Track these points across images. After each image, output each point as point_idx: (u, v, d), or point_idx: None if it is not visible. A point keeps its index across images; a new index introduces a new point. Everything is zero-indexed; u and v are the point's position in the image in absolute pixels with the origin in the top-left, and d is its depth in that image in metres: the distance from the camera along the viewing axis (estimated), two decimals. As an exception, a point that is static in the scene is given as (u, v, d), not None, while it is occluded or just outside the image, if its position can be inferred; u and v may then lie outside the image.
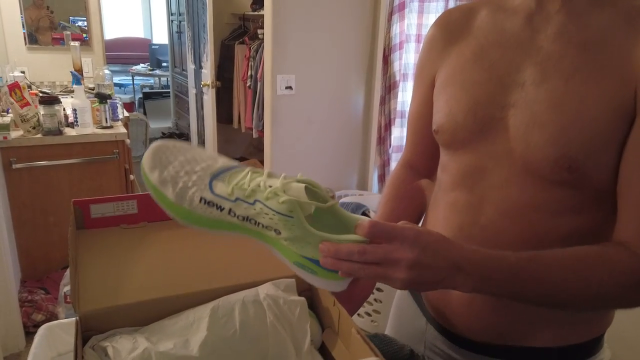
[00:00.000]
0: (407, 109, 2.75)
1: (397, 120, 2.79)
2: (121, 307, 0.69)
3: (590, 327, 0.71)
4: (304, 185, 0.56)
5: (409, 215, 0.85)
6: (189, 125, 4.60)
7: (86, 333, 0.67)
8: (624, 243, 0.60)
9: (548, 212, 0.65)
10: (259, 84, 3.43)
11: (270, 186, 0.56)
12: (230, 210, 0.58)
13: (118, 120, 2.57)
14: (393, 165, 2.87)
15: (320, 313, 0.75)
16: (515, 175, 0.66)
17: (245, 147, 4.43)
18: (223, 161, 0.62)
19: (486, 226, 0.69)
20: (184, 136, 5.12)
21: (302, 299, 0.73)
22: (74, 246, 0.77)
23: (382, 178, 2.96)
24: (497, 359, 0.73)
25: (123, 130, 2.48)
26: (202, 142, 4.11)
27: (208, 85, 3.47)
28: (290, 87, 2.70)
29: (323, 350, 0.72)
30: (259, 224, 0.58)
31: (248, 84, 3.62)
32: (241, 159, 4.04)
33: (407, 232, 0.53)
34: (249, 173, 0.59)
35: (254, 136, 3.65)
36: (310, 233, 0.56)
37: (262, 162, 3.20)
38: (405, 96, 2.73)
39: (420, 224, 0.87)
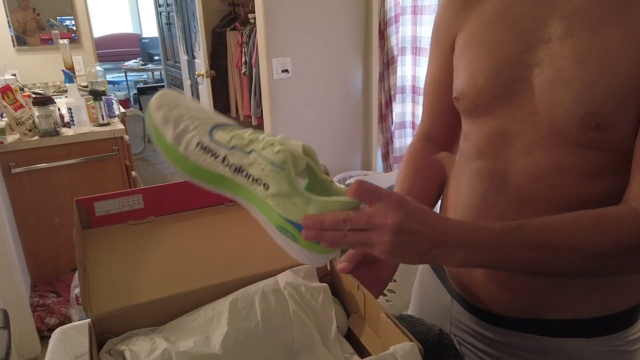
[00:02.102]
0: (407, 84, 2.70)
1: (398, 96, 2.73)
2: (135, 307, 0.65)
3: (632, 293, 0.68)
4: (302, 143, 0.57)
5: (429, 190, 0.81)
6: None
7: (101, 337, 0.64)
8: (629, 201, 0.56)
9: (575, 176, 0.62)
10: (253, 69, 3.37)
11: (269, 140, 0.57)
12: (224, 158, 0.58)
13: (115, 116, 2.52)
14: (396, 142, 2.82)
15: (344, 298, 0.72)
16: (541, 139, 0.62)
17: (245, 136, 4.37)
18: (229, 121, 0.63)
19: (512, 193, 0.66)
20: (182, 129, 5.05)
21: (325, 285, 0.69)
22: (80, 247, 0.74)
23: (385, 156, 2.91)
24: (528, 334, 0.69)
25: (121, 126, 2.43)
26: (201, 133, 4.05)
27: (202, 75, 3.41)
28: (286, 70, 2.64)
29: (350, 336, 0.69)
30: (249, 175, 0.57)
31: (243, 71, 3.55)
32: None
33: (393, 195, 0.52)
34: (251, 130, 0.60)
35: (253, 124, 3.60)
36: (298, 191, 0.55)
37: (263, 149, 3.15)
38: (404, 71, 2.67)
39: (441, 197, 0.83)
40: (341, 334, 0.69)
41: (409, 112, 2.73)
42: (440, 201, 0.83)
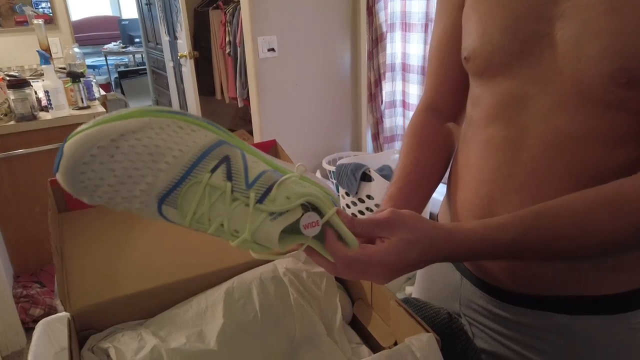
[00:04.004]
0: (397, 61, 2.63)
1: (388, 75, 2.66)
2: (120, 299, 0.59)
3: None
4: (279, 229, 0.45)
5: (434, 164, 0.75)
6: (170, 102, 4.43)
7: (82, 332, 0.58)
8: None
9: (598, 142, 0.56)
10: (238, 49, 3.27)
11: (237, 231, 0.45)
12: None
13: (95, 99, 2.43)
14: (387, 122, 2.76)
15: (349, 284, 0.66)
16: (563, 101, 0.57)
17: (231, 119, 4.28)
18: (169, 164, 0.44)
19: (528, 163, 0.60)
20: (166, 113, 4.94)
21: (327, 270, 0.64)
22: (57, 233, 0.67)
23: (375, 137, 2.85)
24: (548, 312, 0.65)
25: (101, 109, 2.34)
26: (185, 117, 3.95)
27: (186, 56, 3.30)
28: (272, 49, 2.56)
29: (355, 324, 0.64)
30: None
31: (227, 51, 3.45)
32: (228, 131, 3.90)
33: (386, 261, 0.50)
34: (206, 194, 0.44)
35: (239, 105, 3.51)
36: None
37: (250, 132, 3.08)
38: (394, 48, 2.60)
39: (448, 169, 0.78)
40: (346, 322, 0.64)
41: (399, 90, 2.67)
42: (448, 175, 0.78)
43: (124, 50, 6.28)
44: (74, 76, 2.26)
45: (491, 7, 0.62)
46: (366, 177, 2.22)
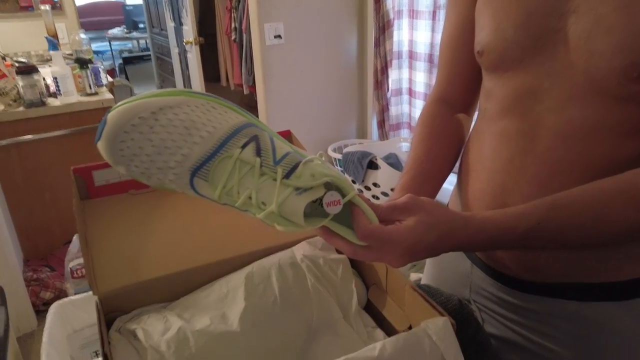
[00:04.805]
0: (404, 49, 2.63)
1: (395, 62, 2.66)
2: (144, 283, 0.62)
3: None
4: (304, 204, 0.46)
5: (446, 154, 0.77)
6: (174, 88, 4.43)
7: (109, 315, 0.60)
8: None
9: (610, 134, 0.58)
10: (244, 36, 3.26)
11: (264, 203, 0.46)
12: (217, 202, 0.49)
13: (102, 86, 2.43)
14: (392, 110, 2.77)
15: (363, 269, 0.68)
16: (576, 94, 0.58)
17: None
18: (203, 138, 0.47)
19: (541, 154, 0.62)
20: (171, 99, 4.94)
21: (343, 256, 0.66)
22: (81, 220, 0.69)
23: (381, 124, 2.86)
24: (559, 299, 0.67)
25: (109, 96, 2.35)
26: (191, 103, 3.95)
27: (191, 43, 3.30)
28: (279, 36, 2.56)
29: (370, 309, 0.66)
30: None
31: (233, 38, 3.44)
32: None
33: (403, 240, 0.51)
34: (237, 167, 0.46)
35: (244, 92, 3.51)
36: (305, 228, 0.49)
37: (256, 118, 3.08)
38: (401, 35, 2.59)
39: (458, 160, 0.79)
40: (361, 307, 0.67)
41: (405, 78, 2.67)
42: (459, 166, 0.80)
43: (128, 35, 6.26)
44: (82, 62, 2.27)
45: (503, 3, 0.63)
46: (372, 165, 2.23)
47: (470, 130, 0.79)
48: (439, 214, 0.54)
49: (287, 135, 0.86)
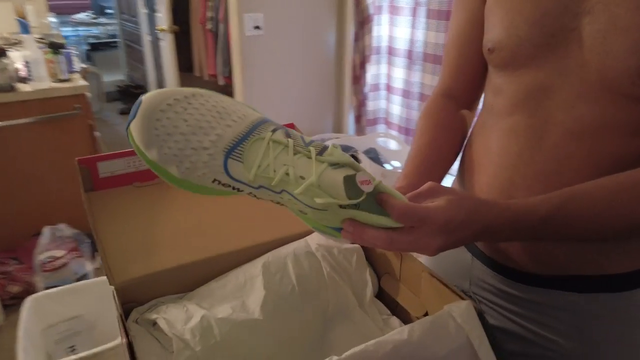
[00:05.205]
0: (383, 44, 2.65)
1: (373, 57, 2.68)
2: (159, 274, 0.61)
3: None
4: (342, 176, 0.46)
5: (451, 145, 0.78)
6: (144, 77, 4.32)
7: (124, 306, 0.59)
8: None
9: (620, 132, 0.60)
10: (220, 25, 3.21)
11: (302, 177, 0.46)
12: (250, 193, 0.50)
13: (75, 72, 2.35)
14: (370, 105, 2.79)
15: (374, 259, 0.69)
16: (587, 92, 0.60)
17: (208, 96, 4.21)
18: (235, 122, 0.48)
19: (550, 150, 0.64)
20: (141, 88, 4.82)
21: (357, 246, 0.67)
22: (90, 211, 0.67)
23: (358, 119, 2.88)
24: (559, 291, 0.70)
25: (83, 82, 2.27)
26: (162, 93, 3.86)
27: (165, 30, 3.22)
28: (258, 27, 2.53)
29: (382, 297, 0.68)
30: (283, 205, 0.51)
31: (208, 27, 3.38)
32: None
33: (440, 217, 0.51)
34: (271, 147, 0.47)
35: (219, 83, 3.46)
36: (341, 214, 0.49)
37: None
38: (380, 30, 2.61)
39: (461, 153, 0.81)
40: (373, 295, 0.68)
41: (384, 73, 2.69)
42: (460, 161, 0.81)
43: (94, 21, 6.04)
44: (55, 47, 2.18)
45: (518, 2, 0.64)
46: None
47: (472, 125, 0.81)
48: (464, 194, 0.55)
49: (291, 128, 0.86)
